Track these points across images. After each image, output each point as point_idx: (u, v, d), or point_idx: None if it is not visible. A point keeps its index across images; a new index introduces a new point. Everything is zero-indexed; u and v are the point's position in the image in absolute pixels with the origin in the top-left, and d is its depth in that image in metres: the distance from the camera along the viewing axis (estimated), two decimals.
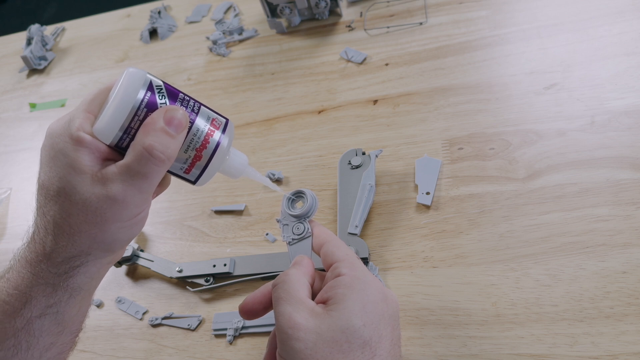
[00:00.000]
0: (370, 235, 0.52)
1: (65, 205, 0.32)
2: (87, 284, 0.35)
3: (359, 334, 0.32)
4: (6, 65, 0.97)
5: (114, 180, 0.32)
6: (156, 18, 0.90)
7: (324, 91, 0.68)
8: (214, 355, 0.49)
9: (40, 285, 0.33)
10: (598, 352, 0.39)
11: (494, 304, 0.44)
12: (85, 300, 0.36)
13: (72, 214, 0.32)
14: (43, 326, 0.34)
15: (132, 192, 0.32)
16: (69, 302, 0.34)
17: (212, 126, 0.35)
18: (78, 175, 0.32)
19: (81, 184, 0.32)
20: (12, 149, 0.80)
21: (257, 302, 0.38)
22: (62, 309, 0.34)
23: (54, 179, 0.32)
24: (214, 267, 0.53)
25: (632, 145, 0.49)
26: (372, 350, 0.33)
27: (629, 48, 0.58)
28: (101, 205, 0.32)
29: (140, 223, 0.35)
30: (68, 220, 0.32)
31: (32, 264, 0.33)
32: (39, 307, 0.33)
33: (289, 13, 0.76)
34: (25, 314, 0.33)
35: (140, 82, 0.32)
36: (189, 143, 0.34)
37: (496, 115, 0.57)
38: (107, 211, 0.32)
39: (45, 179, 0.33)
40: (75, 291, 0.34)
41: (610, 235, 0.45)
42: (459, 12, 0.70)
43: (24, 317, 0.33)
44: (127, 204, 0.32)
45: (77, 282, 0.34)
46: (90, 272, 0.34)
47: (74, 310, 0.35)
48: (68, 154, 0.32)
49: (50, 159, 0.33)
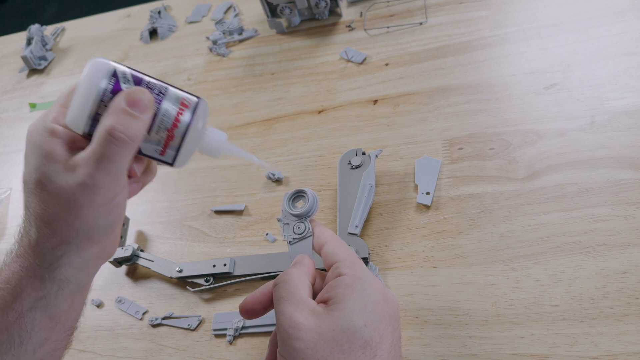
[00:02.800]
0: (370, 235, 0.52)
1: (42, 195, 0.33)
2: (75, 277, 0.35)
3: (360, 334, 0.32)
4: (6, 65, 0.97)
5: (83, 165, 0.32)
6: (156, 18, 0.90)
7: (324, 91, 0.68)
8: (214, 355, 0.49)
9: (30, 278, 0.34)
10: (598, 352, 0.39)
11: (494, 304, 0.44)
12: (77, 295, 0.36)
13: (49, 203, 0.33)
14: (35, 320, 0.34)
15: (101, 176, 0.32)
16: (58, 294, 0.34)
17: (182, 106, 0.35)
18: (52, 164, 0.32)
19: (55, 173, 0.32)
20: (12, 149, 0.80)
21: (257, 302, 0.38)
22: (52, 302, 0.34)
23: (32, 172, 0.33)
24: (214, 267, 0.53)
25: (632, 145, 0.49)
26: (372, 350, 0.33)
27: (629, 48, 0.58)
28: (73, 192, 0.32)
29: (117, 208, 0.35)
30: (47, 211, 0.33)
31: (21, 257, 0.34)
32: (29, 300, 0.34)
33: (289, 13, 0.76)
34: (17, 308, 0.33)
35: (103, 71, 0.33)
36: (158, 124, 0.34)
37: (496, 115, 0.57)
38: (79, 197, 0.32)
39: (25, 173, 0.34)
40: (63, 283, 0.34)
41: (610, 235, 0.45)
42: (459, 12, 0.70)
43: (16, 311, 0.33)
44: (97, 188, 0.32)
45: (63, 274, 0.34)
46: (75, 263, 0.34)
47: (65, 305, 0.35)
48: (42, 146, 0.33)
49: (28, 153, 0.34)
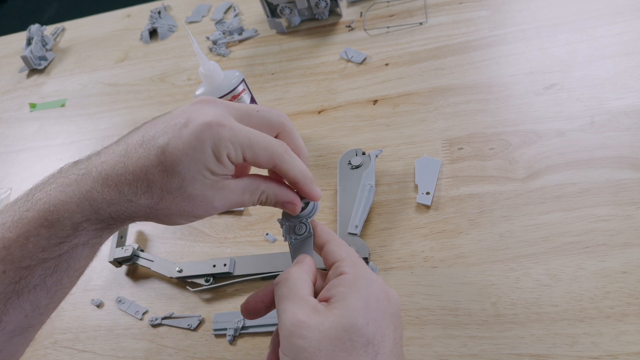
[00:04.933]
0: (370, 235, 0.52)
1: (169, 176, 0.34)
2: (123, 228, 0.38)
3: (362, 332, 0.32)
4: (6, 65, 0.98)
5: (230, 192, 0.36)
6: (156, 18, 0.90)
7: (324, 91, 0.68)
8: (214, 355, 0.49)
9: (91, 221, 0.35)
10: (598, 352, 0.39)
11: (494, 304, 0.44)
12: (112, 237, 0.39)
13: (167, 186, 0.34)
14: (84, 252, 0.35)
15: (221, 208, 0.37)
16: (107, 237, 0.37)
17: None
18: (206, 170, 0.35)
19: (201, 178, 0.35)
20: (12, 149, 0.80)
21: (259, 302, 0.38)
22: (102, 242, 0.37)
23: (183, 158, 0.34)
24: (214, 267, 0.53)
25: (632, 145, 0.50)
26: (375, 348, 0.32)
27: (628, 48, 0.58)
28: (204, 202, 0.36)
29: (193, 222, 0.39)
30: (164, 188, 0.34)
31: (110, 187, 0.35)
32: (87, 236, 0.35)
33: (289, 13, 0.76)
34: (73, 241, 0.35)
35: None
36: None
37: (496, 115, 0.57)
38: (189, 206, 0.35)
39: (174, 146, 0.34)
40: (115, 230, 0.37)
41: (610, 235, 0.45)
42: (459, 12, 0.70)
43: (71, 243, 0.35)
44: (214, 212, 0.37)
45: (119, 227, 0.36)
46: (127, 223, 0.37)
47: (105, 241, 0.38)
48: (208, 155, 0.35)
49: (196, 146, 0.34)
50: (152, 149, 0.34)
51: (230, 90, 0.55)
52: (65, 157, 0.74)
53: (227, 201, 0.37)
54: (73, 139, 0.77)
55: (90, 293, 0.57)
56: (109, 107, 0.80)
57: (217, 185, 0.36)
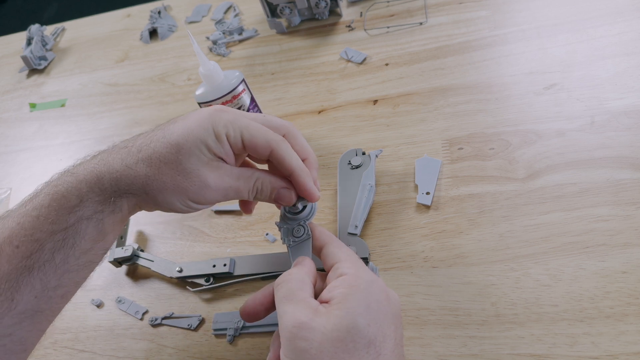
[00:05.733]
0: (370, 235, 0.52)
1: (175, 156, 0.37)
2: (125, 210, 0.38)
3: (363, 333, 0.32)
4: (6, 65, 0.98)
5: (226, 173, 0.38)
6: (156, 18, 0.90)
7: (324, 91, 0.68)
8: (214, 355, 0.49)
9: (95, 191, 0.36)
10: (598, 352, 0.39)
11: (493, 304, 0.44)
12: (117, 225, 0.39)
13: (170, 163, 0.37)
14: (88, 228, 0.36)
15: (225, 191, 0.38)
16: (110, 215, 0.37)
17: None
18: (206, 149, 0.37)
19: (200, 156, 0.37)
20: (12, 149, 0.80)
21: (258, 304, 0.38)
22: (104, 219, 0.37)
23: (187, 136, 0.37)
24: (214, 267, 0.53)
25: (632, 145, 0.50)
26: (377, 349, 0.32)
27: (628, 48, 0.58)
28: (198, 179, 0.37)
29: (192, 211, 0.39)
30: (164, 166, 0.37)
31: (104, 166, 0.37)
32: (89, 210, 0.36)
33: (289, 13, 0.76)
34: (78, 213, 0.36)
35: None
36: None
37: (496, 115, 0.57)
38: (192, 185, 0.37)
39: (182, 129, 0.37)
40: (117, 209, 0.37)
41: (610, 235, 0.45)
42: (459, 12, 0.70)
43: (76, 215, 0.36)
44: (214, 194, 0.38)
45: (120, 203, 0.37)
46: (132, 202, 0.38)
47: (110, 227, 0.38)
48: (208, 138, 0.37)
49: (198, 126, 0.37)
50: (160, 127, 0.38)
51: (230, 90, 0.55)
52: (65, 157, 0.74)
53: (221, 182, 0.38)
54: (73, 139, 0.77)
55: (90, 293, 0.57)
56: (109, 107, 0.80)
57: (212, 164, 0.38)
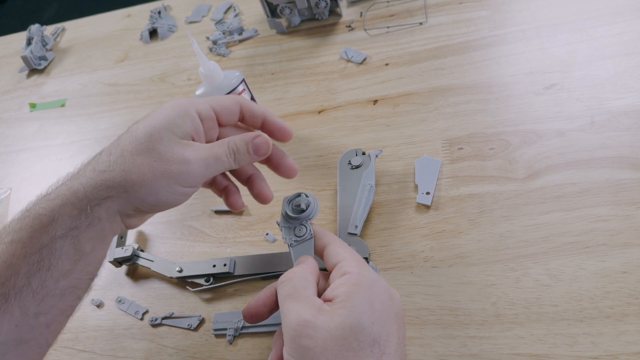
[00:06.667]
0: (370, 235, 0.52)
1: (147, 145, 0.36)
2: (105, 222, 0.36)
3: (367, 332, 0.32)
4: (6, 65, 0.98)
5: (198, 149, 0.37)
6: (156, 18, 0.90)
7: (324, 91, 0.68)
8: (214, 355, 0.49)
9: (68, 206, 0.35)
10: (598, 352, 0.39)
11: (493, 304, 0.44)
12: (99, 243, 0.37)
13: (145, 154, 0.36)
14: (63, 247, 0.35)
15: (203, 166, 0.37)
16: (87, 231, 0.36)
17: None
18: (174, 134, 0.37)
19: (173, 139, 0.37)
20: (12, 149, 0.80)
21: (261, 305, 0.38)
22: (80, 235, 0.35)
23: (155, 126, 0.37)
24: (214, 267, 0.53)
25: (632, 145, 0.50)
26: (381, 348, 0.32)
27: (628, 48, 0.58)
28: (176, 158, 0.36)
29: (185, 197, 0.39)
30: (138, 157, 0.36)
31: (74, 180, 0.37)
32: (63, 227, 0.35)
33: (289, 13, 0.76)
34: (51, 232, 0.35)
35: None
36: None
37: (496, 115, 0.57)
38: (175, 166, 0.36)
39: (146, 123, 0.37)
40: (94, 221, 0.36)
41: (610, 235, 0.45)
42: (459, 12, 0.70)
43: (49, 235, 0.35)
44: (194, 168, 0.37)
45: (98, 213, 0.36)
46: (112, 210, 0.36)
47: (89, 246, 0.36)
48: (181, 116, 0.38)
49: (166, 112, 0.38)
50: (124, 132, 0.38)
51: (230, 90, 0.55)
52: (65, 157, 0.74)
53: (198, 154, 0.38)
54: (73, 139, 0.77)
55: (90, 293, 0.57)
56: (109, 107, 0.80)
57: (184, 143, 0.38)
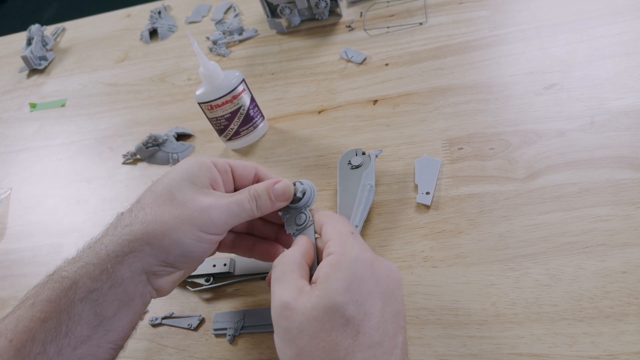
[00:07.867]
0: (370, 235, 0.52)
1: (167, 199, 0.38)
2: (129, 282, 0.36)
3: (340, 312, 0.32)
4: (6, 65, 0.98)
5: (220, 196, 0.39)
6: (156, 18, 0.91)
7: (324, 91, 0.68)
8: (214, 355, 0.49)
9: (89, 266, 0.35)
10: (598, 351, 0.39)
11: (493, 304, 0.44)
12: (123, 307, 0.36)
13: (167, 208, 0.38)
14: (83, 312, 0.34)
15: (224, 214, 0.39)
16: (108, 293, 0.35)
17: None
18: (195, 184, 0.39)
19: (193, 189, 0.39)
20: (12, 149, 0.80)
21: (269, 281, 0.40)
22: (101, 298, 0.35)
23: (174, 180, 0.39)
24: (214, 267, 0.53)
25: (632, 145, 0.50)
26: (355, 327, 0.32)
27: (628, 48, 0.58)
28: (198, 206, 0.38)
29: (210, 247, 0.40)
30: (159, 211, 0.37)
31: (98, 244, 0.37)
32: (83, 289, 0.35)
33: (289, 13, 0.76)
34: (71, 295, 0.34)
35: None
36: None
37: (496, 115, 0.57)
38: (197, 214, 0.38)
39: (168, 179, 0.40)
40: (117, 282, 0.35)
41: (610, 235, 0.45)
42: (459, 12, 0.70)
43: (69, 298, 0.34)
44: (216, 216, 0.38)
45: (120, 272, 0.35)
46: (136, 267, 0.36)
47: (111, 310, 0.35)
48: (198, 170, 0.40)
49: (184, 168, 0.40)
50: (147, 188, 0.40)
51: (230, 90, 0.55)
52: (65, 157, 0.74)
53: (219, 200, 0.39)
54: (73, 139, 0.77)
55: None
56: (109, 107, 0.80)
57: (204, 191, 0.39)
